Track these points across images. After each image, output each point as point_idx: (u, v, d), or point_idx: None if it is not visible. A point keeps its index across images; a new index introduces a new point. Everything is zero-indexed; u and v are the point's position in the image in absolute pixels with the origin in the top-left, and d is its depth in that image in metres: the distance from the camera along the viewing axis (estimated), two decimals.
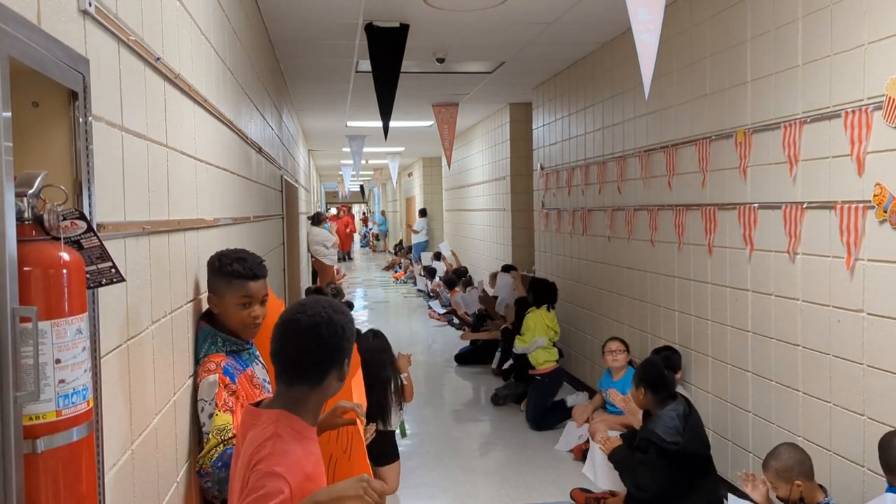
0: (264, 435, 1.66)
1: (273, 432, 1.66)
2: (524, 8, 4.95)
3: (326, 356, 1.74)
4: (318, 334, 1.72)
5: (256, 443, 1.66)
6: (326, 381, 1.75)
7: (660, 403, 3.71)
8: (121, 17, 1.70)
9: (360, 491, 1.55)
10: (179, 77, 2.26)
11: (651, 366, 3.84)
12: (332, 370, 1.75)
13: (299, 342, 1.74)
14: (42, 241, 1.17)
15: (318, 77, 7.29)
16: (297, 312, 1.77)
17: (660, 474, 3.59)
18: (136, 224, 1.79)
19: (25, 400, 1.08)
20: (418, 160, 18.96)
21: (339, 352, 1.76)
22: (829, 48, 3.27)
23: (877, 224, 3.01)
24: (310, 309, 1.76)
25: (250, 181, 4.20)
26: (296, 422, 1.71)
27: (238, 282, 2.42)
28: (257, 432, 1.69)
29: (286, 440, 1.65)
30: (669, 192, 4.82)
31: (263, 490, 1.56)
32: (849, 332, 3.21)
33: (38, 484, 1.12)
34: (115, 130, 1.65)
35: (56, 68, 1.27)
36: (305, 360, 1.74)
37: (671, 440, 3.54)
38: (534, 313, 6.08)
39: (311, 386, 1.74)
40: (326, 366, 1.74)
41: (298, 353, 1.74)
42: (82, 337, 1.20)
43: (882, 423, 3.02)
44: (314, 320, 1.73)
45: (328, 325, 1.73)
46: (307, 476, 1.65)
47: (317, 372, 1.74)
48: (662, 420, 3.62)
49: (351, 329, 1.80)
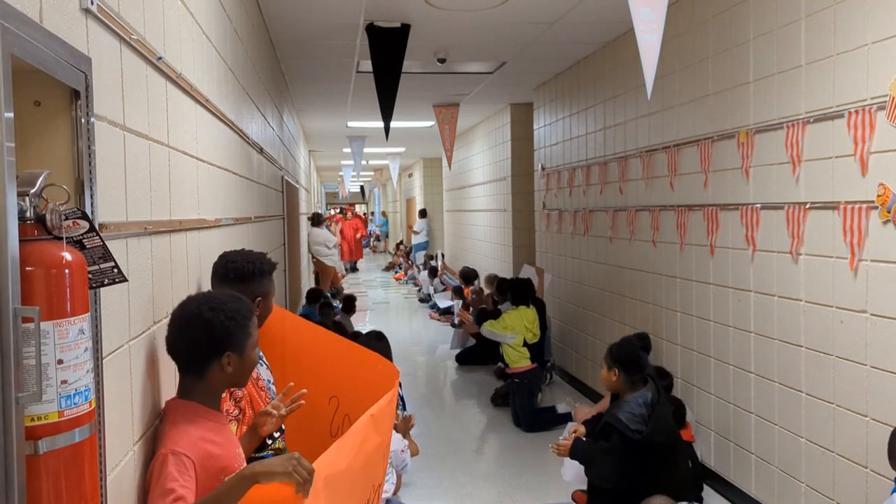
0: (160, 426, 1.76)
1: (164, 423, 1.77)
2: (525, 8, 4.94)
3: (196, 349, 1.81)
4: (186, 329, 1.82)
5: (157, 433, 1.75)
6: (208, 373, 1.82)
7: (631, 386, 3.50)
8: (123, 16, 1.70)
9: (289, 468, 1.56)
10: (181, 76, 2.26)
11: (626, 345, 3.63)
12: (209, 363, 1.81)
13: (172, 335, 1.85)
14: (44, 241, 1.17)
15: (319, 77, 7.29)
16: (179, 305, 1.86)
17: (623, 463, 3.36)
18: (138, 224, 1.79)
19: (27, 401, 1.07)
20: (419, 161, 18.95)
21: (211, 345, 1.81)
22: (833, 48, 3.26)
23: (880, 224, 3.00)
24: (186, 303, 1.86)
25: (251, 182, 4.19)
26: (189, 406, 1.79)
27: (268, 278, 2.43)
28: (160, 422, 1.79)
29: (179, 423, 1.74)
30: (671, 192, 4.81)
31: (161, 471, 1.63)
32: (852, 333, 3.20)
33: (40, 485, 1.11)
34: (117, 130, 1.65)
35: (58, 67, 1.27)
36: (178, 353, 1.85)
37: (635, 428, 3.33)
38: (517, 311, 6.01)
39: (194, 377, 1.84)
40: (199, 358, 1.82)
41: (172, 346, 1.85)
42: (84, 337, 1.19)
43: (886, 425, 3.01)
44: (184, 314, 1.84)
45: (195, 319, 1.81)
46: (210, 455, 1.72)
47: (192, 364, 1.83)
48: (628, 405, 3.41)
49: (225, 324, 1.82)
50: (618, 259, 5.80)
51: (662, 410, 3.43)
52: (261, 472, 1.56)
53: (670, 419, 3.53)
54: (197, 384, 1.84)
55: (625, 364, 3.52)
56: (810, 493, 3.48)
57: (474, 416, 6.29)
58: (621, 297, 5.76)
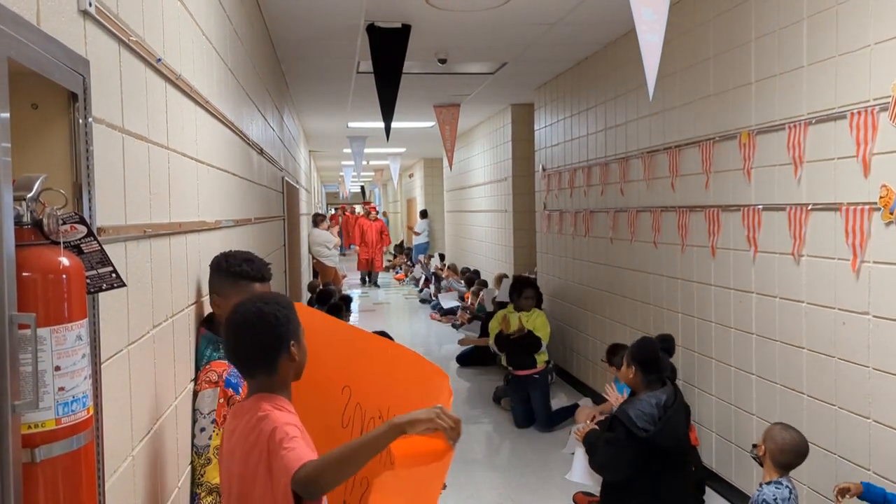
0: (254, 419, 1.76)
1: (262, 414, 1.76)
2: (526, 8, 4.93)
3: (267, 346, 1.84)
4: (252, 330, 1.83)
5: (250, 427, 1.76)
6: (279, 365, 1.85)
7: (647, 386, 3.52)
8: (121, 18, 1.68)
9: (432, 415, 1.69)
10: (181, 78, 2.24)
11: (646, 344, 3.64)
12: (279, 356, 1.85)
13: (240, 341, 1.86)
14: (41, 246, 1.15)
15: (319, 78, 7.28)
16: (233, 314, 1.88)
17: (624, 456, 3.39)
18: (137, 227, 1.78)
19: (24, 408, 1.06)
20: (419, 161, 18.94)
21: (278, 339, 1.84)
22: (835, 49, 3.25)
23: (883, 226, 2.99)
24: (241, 308, 1.88)
25: (252, 183, 4.18)
26: (275, 399, 1.82)
27: (245, 283, 2.40)
28: (245, 421, 1.79)
29: (275, 413, 1.77)
30: (672, 193, 4.80)
31: (283, 436, 1.68)
32: (854, 335, 3.19)
33: (37, 493, 1.10)
34: (115, 132, 1.63)
35: (56, 69, 1.25)
36: (250, 355, 1.86)
37: (641, 426, 3.35)
38: (542, 314, 6.07)
39: (267, 374, 1.85)
40: (272, 354, 1.85)
41: (242, 351, 1.87)
42: (82, 343, 1.18)
43: (888, 427, 3.00)
44: (245, 318, 1.85)
45: (259, 318, 1.84)
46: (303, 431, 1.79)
47: (265, 362, 1.85)
48: (639, 403, 3.43)
49: (285, 315, 1.88)
50: (619, 260, 5.79)
51: (675, 416, 3.42)
52: (407, 422, 1.68)
53: (682, 427, 3.51)
54: (271, 381, 1.86)
55: (642, 362, 3.54)
56: (812, 495, 3.47)
57: (475, 416, 6.27)
58: (622, 298, 5.74)
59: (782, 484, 2.97)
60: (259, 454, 1.71)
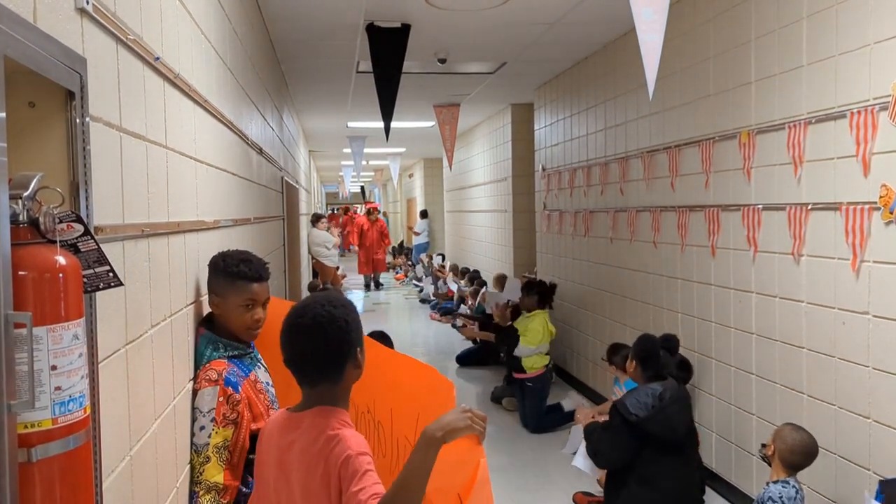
0: (323, 437, 1.70)
1: (333, 433, 1.70)
2: (526, 8, 4.93)
3: (337, 352, 1.77)
4: (323, 334, 1.74)
5: (317, 446, 1.69)
6: (345, 373, 1.79)
7: (645, 380, 3.71)
8: (119, 16, 1.68)
9: (468, 422, 1.65)
10: (179, 77, 2.24)
11: (647, 341, 3.83)
12: (347, 362, 1.78)
13: (308, 346, 1.76)
14: (37, 245, 1.15)
15: (319, 77, 7.27)
16: (299, 317, 1.79)
17: (618, 442, 3.59)
18: (135, 226, 1.77)
19: (20, 408, 1.05)
20: (419, 161, 18.93)
21: (349, 344, 1.78)
22: (835, 48, 3.24)
23: (882, 225, 2.99)
24: (309, 311, 1.78)
25: (251, 182, 4.17)
26: (338, 413, 1.76)
27: (242, 283, 2.39)
28: (308, 436, 1.73)
29: (343, 431, 1.71)
30: (672, 193, 4.79)
31: (358, 468, 1.63)
32: (854, 335, 3.18)
33: (34, 494, 1.09)
34: (113, 131, 1.63)
35: (53, 68, 1.25)
36: (318, 362, 1.77)
37: (633, 412, 3.51)
38: (539, 316, 6.04)
39: (333, 382, 1.78)
40: (341, 360, 1.77)
41: (310, 357, 1.77)
42: (79, 343, 1.17)
43: (888, 427, 2.99)
44: (316, 321, 1.75)
45: (330, 322, 1.75)
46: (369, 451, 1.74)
47: (333, 368, 1.77)
48: (637, 393, 3.61)
49: (354, 318, 1.82)
50: (618, 260, 5.79)
51: (670, 407, 3.56)
52: (446, 433, 1.63)
53: (678, 418, 3.60)
54: (334, 390, 1.79)
55: (641, 358, 3.76)
56: (812, 495, 3.46)
57: None
58: (622, 297, 5.74)
59: (789, 483, 3.02)
60: (324, 476, 1.66)
